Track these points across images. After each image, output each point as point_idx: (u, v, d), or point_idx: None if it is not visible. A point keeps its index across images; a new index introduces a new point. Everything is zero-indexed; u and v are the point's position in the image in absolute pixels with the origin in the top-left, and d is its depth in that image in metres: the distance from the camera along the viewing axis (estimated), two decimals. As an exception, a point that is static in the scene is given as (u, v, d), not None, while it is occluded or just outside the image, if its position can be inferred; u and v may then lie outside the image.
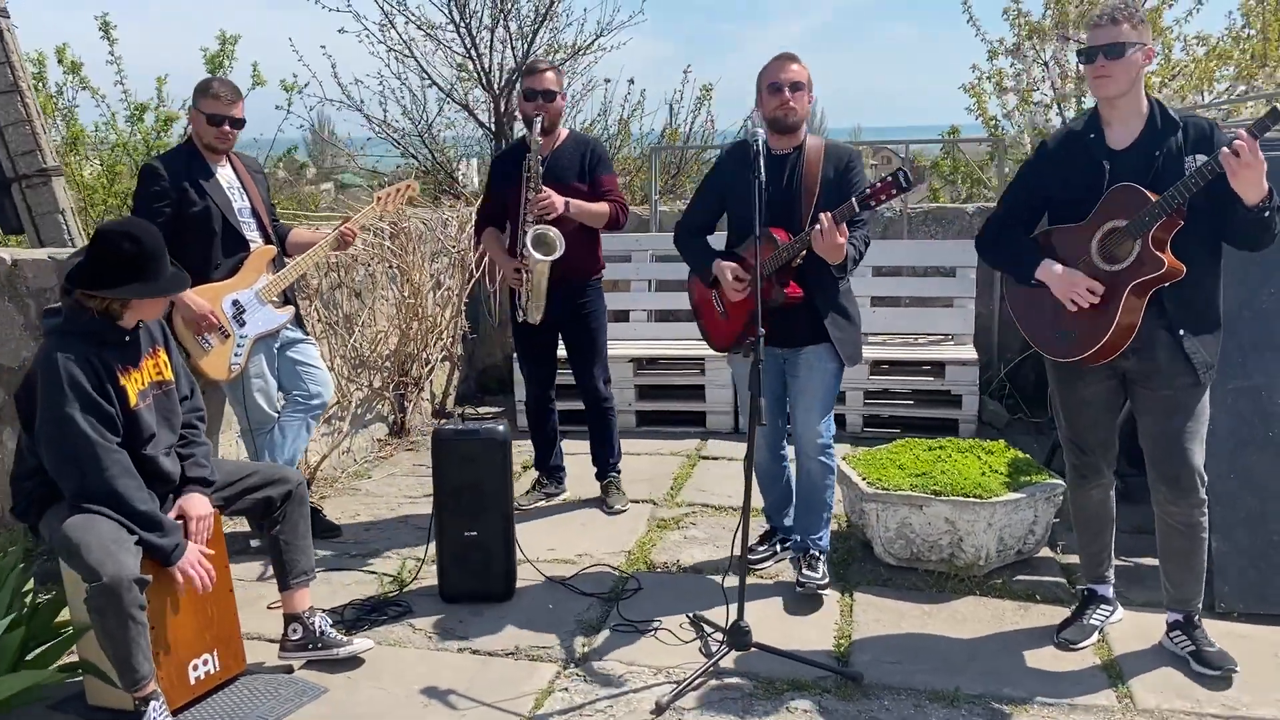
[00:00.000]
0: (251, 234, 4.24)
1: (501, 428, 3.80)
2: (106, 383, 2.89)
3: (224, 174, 4.23)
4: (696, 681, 3.19)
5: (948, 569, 3.93)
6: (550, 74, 4.44)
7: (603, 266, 4.70)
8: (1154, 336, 3.08)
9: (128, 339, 3.00)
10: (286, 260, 4.35)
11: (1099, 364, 3.14)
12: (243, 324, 4.14)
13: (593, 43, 9.03)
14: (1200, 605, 3.34)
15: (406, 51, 8.69)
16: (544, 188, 4.30)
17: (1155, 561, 3.89)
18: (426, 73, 8.80)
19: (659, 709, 3.07)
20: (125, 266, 2.92)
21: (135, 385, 2.99)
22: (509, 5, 8.64)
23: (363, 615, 3.73)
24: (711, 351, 5.98)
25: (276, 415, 4.32)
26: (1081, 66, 3.15)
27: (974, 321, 6.16)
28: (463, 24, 8.60)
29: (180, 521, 3.03)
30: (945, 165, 10.24)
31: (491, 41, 8.74)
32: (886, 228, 6.62)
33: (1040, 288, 3.18)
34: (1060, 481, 4.03)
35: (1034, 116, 9.60)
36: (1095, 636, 3.45)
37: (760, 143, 3.41)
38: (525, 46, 8.85)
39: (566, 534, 4.49)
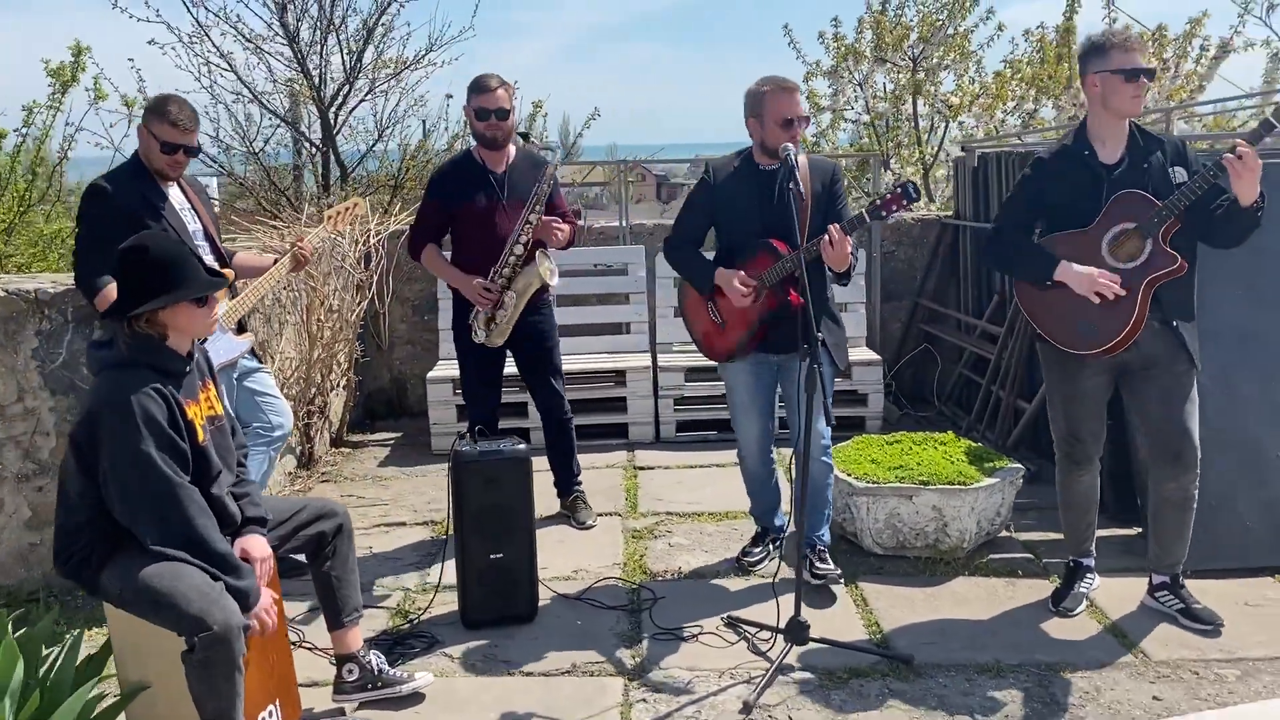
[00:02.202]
0: (207, 257, 3.97)
1: (521, 445, 3.75)
2: (178, 417, 2.66)
3: (175, 196, 3.96)
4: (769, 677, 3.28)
5: (932, 554, 4.21)
6: (501, 91, 4.36)
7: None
8: (1152, 328, 3.44)
9: (188, 369, 2.77)
10: (237, 286, 4.10)
11: (1109, 356, 3.47)
12: (204, 353, 3.87)
13: (422, 57, 8.91)
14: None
15: (226, 66, 8.25)
16: (554, 218, 4.29)
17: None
18: (247, 86, 8.38)
19: (747, 708, 3.14)
20: (146, 278, 2.68)
21: (199, 419, 2.76)
22: (338, 19, 8.39)
23: (387, 650, 3.57)
24: (631, 364, 6.18)
25: (236, 449, 4.07)
26: (1105, 83, 3.34)
27: (865, 325, 6.55)
28: (291, 40, 8.26)
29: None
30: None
31: (322, 55, 8.47)
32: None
33: (1056, 288, 3.48)
34: (1020, 465, 4.41)
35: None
36: (1085, 603, 3.80)
37: (790, 155, 3.55)
38: (355, 60, 8.64)
39: (549, 551, 4.43)
